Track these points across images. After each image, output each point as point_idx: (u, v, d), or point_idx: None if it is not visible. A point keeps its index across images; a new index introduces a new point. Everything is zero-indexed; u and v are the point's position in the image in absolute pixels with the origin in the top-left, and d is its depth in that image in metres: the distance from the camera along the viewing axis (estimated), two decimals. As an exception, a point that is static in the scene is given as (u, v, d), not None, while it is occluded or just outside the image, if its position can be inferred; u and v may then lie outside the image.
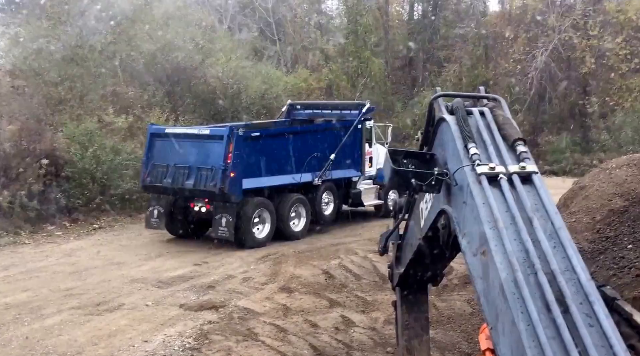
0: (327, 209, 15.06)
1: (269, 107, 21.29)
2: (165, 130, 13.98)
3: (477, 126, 3.68)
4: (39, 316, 8.67)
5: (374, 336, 8.25)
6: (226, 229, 12.58)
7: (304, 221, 14.22)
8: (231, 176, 12.39)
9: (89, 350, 7.57)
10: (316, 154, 14.36)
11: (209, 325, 8.42)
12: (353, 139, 15.28)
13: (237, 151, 12.56)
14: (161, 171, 13.19)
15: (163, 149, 13.40)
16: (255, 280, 10.62)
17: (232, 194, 12.51)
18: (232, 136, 12.58)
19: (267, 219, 13.33)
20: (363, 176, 15.94)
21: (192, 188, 12.73)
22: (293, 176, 13.88)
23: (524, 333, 2.61)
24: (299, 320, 8.77)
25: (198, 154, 12.90)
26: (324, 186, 14.72)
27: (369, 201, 16.30)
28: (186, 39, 20.63)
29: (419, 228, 4.38)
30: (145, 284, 10.27)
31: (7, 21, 21.64)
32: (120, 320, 8.59)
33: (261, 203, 13.21)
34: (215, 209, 12.84)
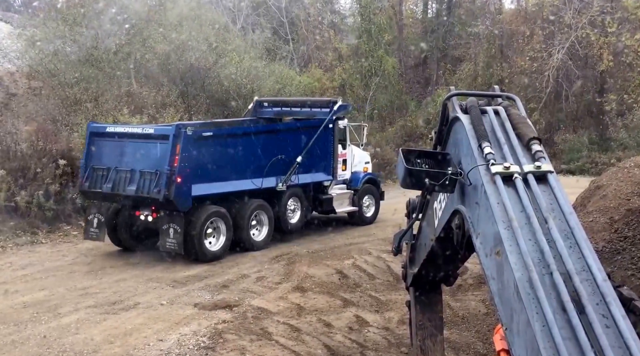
0: (293, 216, 13.82)
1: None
2: (106, 128, 12.69)
3: (492, 125, 3.66)
4: (56, 315, 8.78)
5: (388, 336, 8.24)
6: (174, 241, 11.34)
7: (266, 230, 12.99)
8: (178, 181, 11.09)
9: (105, 349, 7.65)
10: (280, 156, 13.10)
11: (223, 324, 8.48)
12: (323, 140, 14.10)
13: (185, 153, 11.25)
14: (101, 175, 11.93)
15: (104, 151, 12.19)
16: (269, 280, 10.67)
17: (179, 201, 11.21)
18: (179, 136, 11.23)
19: (222, 229, 12.04)
20: (335, 181, 14.78)
21: (134, 195, 11.45)
22: (253, 181, 12.58)
23: (539, 333, 2.60)
24: (312, 319, 8.79)
25: (141, 156, 11.64)
26: (290, 191, 13.50)
27: (342, 208, 15.07)
28: (200, 40, 20.75)
29: (433, 228, 4.37)
30: (160, 283, 10.36)
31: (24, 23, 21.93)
32: (136, 319, 8.68)
33: (215, 212, 11.93)
34: (161, 219, 11.60)
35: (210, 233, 11.92)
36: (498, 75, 28.10)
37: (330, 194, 14.69)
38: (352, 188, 15.29)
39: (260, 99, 16.28)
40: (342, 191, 15.15)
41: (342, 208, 15.04)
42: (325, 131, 14.07)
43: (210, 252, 11.87)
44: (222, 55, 21.02)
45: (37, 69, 18.02)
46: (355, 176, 15.43)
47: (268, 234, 13.03)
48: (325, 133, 14.08)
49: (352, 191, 15.26)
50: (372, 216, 15.67)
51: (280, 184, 13.11)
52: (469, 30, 30.82)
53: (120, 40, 19.13)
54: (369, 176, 15.82)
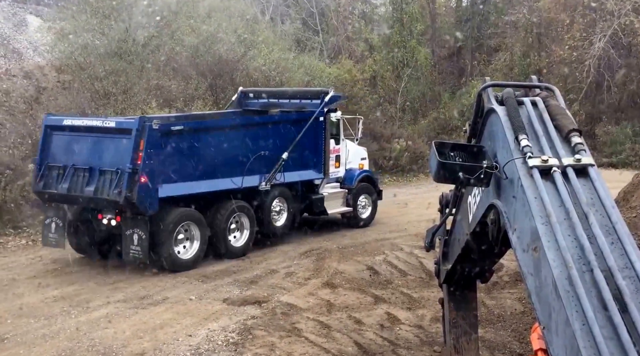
0: (279, 219, 12.78)
1: (312, 100, 21.27)
2: (63, 121, 11.51)
3: (529, 117, 3.61)
4: (85, 309, 8.98)
5: (420, 335, 8.21)
6: (138, 248, 10.31)
7: (247, 234, 11.97)
8: (142, 181, 10.11)
9: (134, 343, 7.80)
10: (263, 152, 12.09)
11: (252, 320, 8.56)
12: (313, 134, 13.13)
13: (151, 149, 10.27)
14: (56, 174, 10.92)
15: (61, 146, 11.17)
16: (299, 275, 10.71)
17: (143, 204, 10.20)
18: (143, 130, 10.23)
19: (196, 234, 11.06)
20: (327, 179, 13.80)
21: (92, 196, 10.47)
22: (233, 180, 11.59)
23: (578, 332, 2.56)
24: (343, 316, 8.80)
25: (102, 152, 10.66)
26: (275, 191, 12.49)
27: (335, 208, 14.02)
28: (228, 31, 20.89)
29: (467, 223, 4.33)
30: (189, 278, 10.50)
31: (54, 16, 22.41)
32: (165, 314, 8.82)
33: (187, 215, 10.96)
34: (124, 223, 10.52)
35: (181, 239, 10.94)
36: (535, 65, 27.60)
37: (321, 194, 13.71)
38: (346, 187, 14.33)
39: (246, 89, 15.31)
40: (335, 190, 14.20)
41: (334, 209, 14.03)
42: (315, 124, 13.12)
43: (182, 260, 10.86)
44: (251, 47, 21.12)
45: (66, 63, 18.40)
46: (349, 174, 14.50)
47: (249, 238, 12.01)
48: (315, 127, 13.13)
49: (346, 190, 14.30)
50: (368, 217, 14.67)
51: (264, 183, 12.14)
52: (505, 18, 30.31)
53: (150, 32, 19.39)
54: (365, 173, 14.90)
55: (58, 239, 11.24)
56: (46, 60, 20.17)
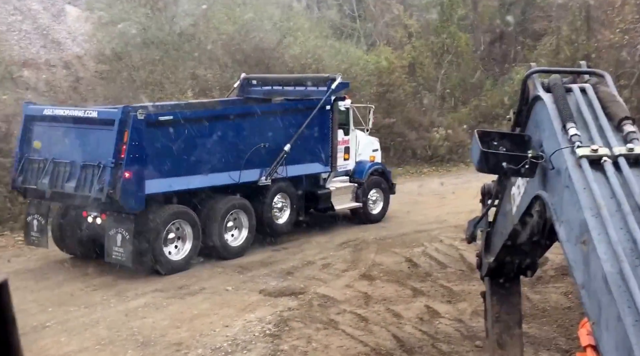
0: (281, 216, 12.17)
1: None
2: (43, 111, 10.90)
3: (578, 105, 3.52)
4: (124, 299, 9.21)
5: (461, 329, 8.15)
6: (121, 250, 9.71)
7: (245, 233, 11.40)
8: (126, 176, 9.53)
9: (172, 333, 7.96)
10: (263, 144, 11.48)
11: (288, 312, 8.63)
12: (319, 124, 12.51)
13: (136, 141, 9.67)
14: (36, 169, 10.37)
15: (42, 138, 10.63)
16: (335, 267, 10.74)
17: (127, 201, 9.64)
18: (127, 121, 9.63)
19: (189, 234, 10.44)
20: (334, 172, 13.13)
21: (73, 193, 9.94)
22: (230, 175, 11.04)
23: (630, 328, 2.50)
24: (380, 309, 8.80)
25: (84, 145, 10.07)
26: (276, 186, 11.90)
27: (343, 204, 13.42)
28: (264, 19, 20.93)
29: (511, 214, 4.26)
30: (225, 268, 10.64)
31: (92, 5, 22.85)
32: (201, 304, 8.98)
33: (178, 213, 10.37)
34: (108, 222, 9.96)
35: (172, 239, 10.32)
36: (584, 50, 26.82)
37: (328, 189, 13.04)
38: (356, 181, 13.68)
39: (248, 76, 14.61)
40: (344, 185, 13.55)
41: (343, 204, 13.43)
42: (322, 113, 12.45)
43: (172, 263, 10.25)
44: (287, 35, 21.12)
45: (104, 52, 18.76)
46: (359, 167, 13.81)
47: (248, 238, 11.45)
48: (321, 116, 12.48)
49: (356, 184, 13.65)
50: (379, 212, 14.08)
51: (264, 178, 11.53)
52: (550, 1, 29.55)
53: (186, 21, 19.59)
54: (377, 166, 14.22)
55: (40, 238, 10.69)
56: (84, 50, 20.60)
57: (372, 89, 22.24)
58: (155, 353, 7.41)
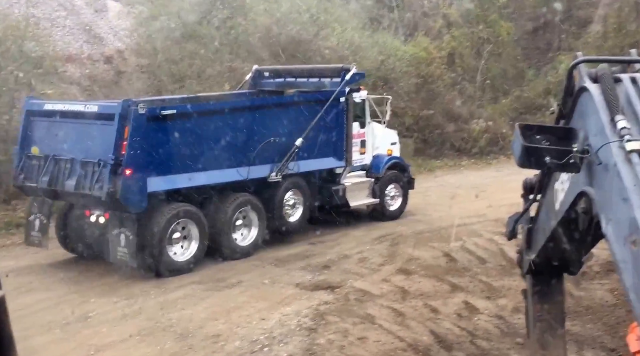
0: (293, 213, 11.73)
1: (386, 79, 21.03)
2: (44, 106, 10.66)
3: (627, 96, 3.35)
4: (164, 290, 9.35)
5: (501, 325, 7.99)
6: (125, 250, 9.42)
7: (255, 232, 11.01)
8: (126, 174, 9.18)
9: (210, 325, 8.04)
10: (273, 139, 11.08)
11: (325, 306, 8.62)
12: (333, 117, 12.07)
13: (137, 137, 9.32)
14: (37, 166, 10.06)
15: (42, 134, 10.33)
16: (372, 261, 10.66)
17: (129, 200, 9.32)
18: (128, 115, 9.27)
19: (194, 234, 10.09)
20: (350, 167, 12.70)
21: (73, 192, 9.63)
22: (239, 171, 10.65)
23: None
24: (418, 304, 8.70)
25: (84, 141, 9.76)
26: (287, 182, 11.44)
27: (359, 200, 12.95)
28: (301, 11, 20.87)
29: (554, 211, 4.10)
30: (262, 262, 10.69)
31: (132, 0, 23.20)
32: (239, 297, 9.05)
33: (183, 211, 9.97)
34: (111, 222, 9.64)
35: (176, 239, 9.97)
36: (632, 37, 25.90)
37: (342, 184, 12.57)
38: (373, 175, 13.19)
39: (260, 68, 14.20)
40: (360, 180, 13.08)
41: (358, 201, 12.96)
42: (335, 105, 12.02)
43: (177, 262, 9.94)
44: (324, 27, 21.02)
45: (144, 47, 19.02)
46: (376, 161, 13.33)
47: (258, 237, 11.04)
48: (335, 108, 12.04)
49: (373, 179, 13.17)
50: (397, 209, 13.61)
51: (274, 174, 11.10)
52: (599, -14, 28.62)
53: (224, 14, 19.69)
54: (395, 160, 13.70)
55: (41, 237, 10.32)
56: (125, 44, 20.93)
57: (410, 80, 21.96)
58: (193, 345, 7.48)
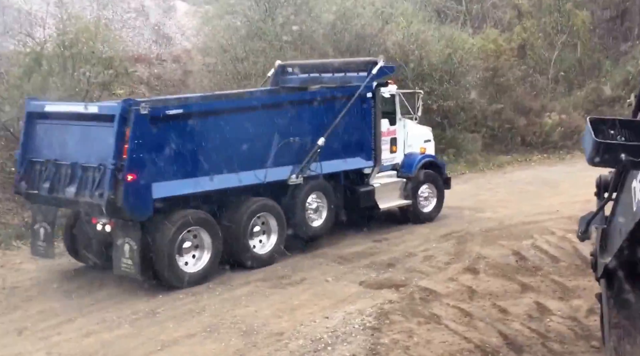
0: (317, 218, 11.09)
1: (453, 73, 20.65)
2: (45, 107, 9.99)
3: None
4: (229, 287, 9.49)
5: (575, 328, 7.68)
6: (129, 261, 8.83)
7: (274, 239, 10.38)
8: (128, 180, 8.54)
9: (274, 323, 8.10)
10: (293, 139, 10.44)
11: (389, 305, 8.53)
12: (359, 114, 11.45)
13: (139, 139, 8.65)
14: (39, 172, 9.52)
15: (43, 137, 9.77)
16: (438, 259, 10.49)
17: (131, 208, 8.67)
18: (129, 116, 8.63)
19: (206, 242, 9.49)
20: (379, 167, 11.98)
21: (73, 199, 9.06)
22: (256, 173, 9.98)
23: None
24: (486, 304, 8.49)
25: (85, 144, 9.18)
26: (310, 185, 10.79)
27: (389, 202, 12.23)
28: (366, 5, 20.77)
29: (631, 210, 3.87)
30: (326, 259, 10.70)
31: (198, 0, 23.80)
32: (302, 295, 9.08)
33: (193, 218, 9.35)
34: (115, 231, 9.05)
35: (187, 248, 9.37)
36: None
37: (371, 185, 11.89)
38: (404, 175, 12.52)
39: (284, 63, 13.65)
40: (390, 180, 12.39)
41: (388, 202, 12.24)
42: (362, 101, 11.41)
43: (188, 274, 9.33)
44: (389, 21, 20.83)
45: (210, 45, 19.44)
46: (408, 160, 12.66)
47: (278, 243, 10.42)
48: (361, 105, 11.42)
49: (404, 179, 12.51)
50: (432, 210, 12.95)
51: (294, 176, 10.47)
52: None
53: (288, 11, 19.84)
54: (428, 158, 13.00)
55: (47, 247, 9.84)
56: (192, 43, 21.48)
57: (478, 74, 21.47)
58: (257, 342, 7.57)
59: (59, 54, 14.39)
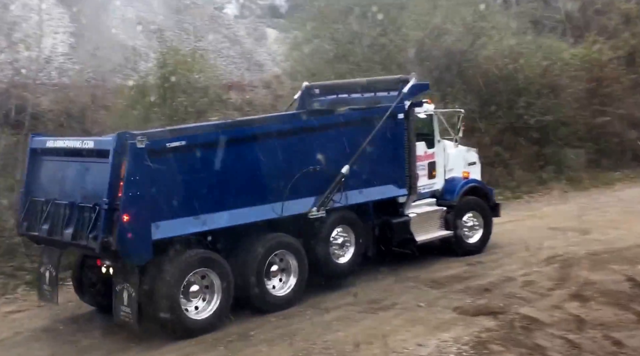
0: (343, 254, 10.21)
1: (552, 86, 19.80)
2: (47, 143, 9.38)
3: None
4: (318, 312, 9.40)
5: None
6: (128, 309, 8.11)
7: (294, 280, 9.54)
8: (124, 220, 7.79)
9: (365, 349, 7.92)
10: (313, 168, 9.61)
11: (487, 333, 8.15)
12: (390, 137, 10.53)
13: (136, 175, 7.91)
14: (39, 212, 8.96)
15: (46, 175, 9.27)
16: (540, 285, 9.98)
17: (128, 251, 7.96)
18: (124, 151, 7.94)
19: (216, 285, 8.71)
20: (415, 195, 11.00)
21: (70, 242, 8.44)
22: (272, 207, 9.17)
23: None
24: (597, 335, 7.91)
25: (82, 182, 8.61)
26: (334, 217, 9.92)
27: (427, 233, 11.21)
28: (456, 21, 20.43)
29: None
30: (417, 283, 10.42)
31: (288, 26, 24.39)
32: (394, 320, 8.85)
33: (200, 259, 8.58)
34: (115, 275, 8.45)
35: (195, 293, 8.60)
36: None
37: (406, 216, 10.92)
38: (445, 203, 11.51)
39: (311, 84, 12.74)
40: (429, 209, 11.38)
41: (426, 234, 11.20)
42: (393, 123, 10.49)
43: (195, 321, 8.53)
44: (481, 35, 20.38)
45: (298, 70, 19.78)
46: (449, 186, 11.67)
47: (298, 284, 9.58)
48: (392, 127, 10.49)
49: (445, 207, 11.48)
50: (478, 241, 11.86)
51: (315, 209, 9.62)
52: None
53: (375, 32, 19.88)
54: (472, 183, 11.93)
55: (52, 291, 9.20)
56: (281, 69, 21.98)
57: (580, 85, 20.47)
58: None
59: (159, 86, 15.13)
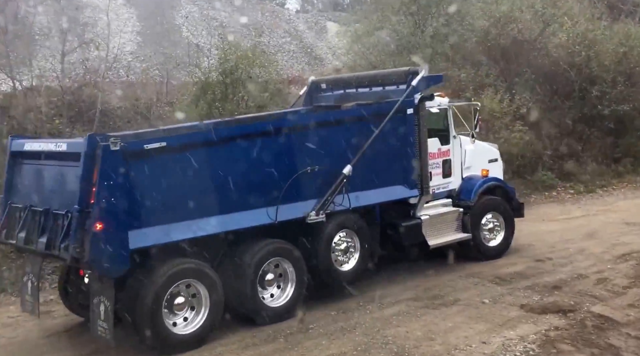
0: (347, 260, 9.57)
1: (629, 74, 18.92)
2: (24, 146, 8.75)
3: None
4: (379, 306, 9.32)
5: None
6: (105, 324, 7.49)
7: (293, 288, 8.90)
8: (97, 229, 7.17)
9: (426, 345, 7.80)
10: (311, 168, 8.87)
11: (555, 332, 7.90)
12: (399, 134, 9.81)
13: (109, 180, 7.26)
14: (17, 218, 8.41)
15: (24, 179, 8.74)
16: (614, 282, 9.60)
17: (101, 263, 7.29)
18: (96, 154, 7.29)
19: (204, 297, 8.03)
20: (427, 195, 10.18)
21: (44, 252, 7.86)
22: (266, 211, 8.47)
23: None
24: (675, 336, 7.50)
25: (57, 188, 8.07)
26: (336, 222, 9.26)
27: (442, 237, 10.49)
28: (524, 8, 19.83)
29: None
30: (482, 279, 10.19)
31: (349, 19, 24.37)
32: (456, 316, 8.68)
33: (184, 271, 7.90)
34: (91, 288, 7.90)
35: (179, 306, 7.92)
36: None
37: (417, 218, 10.18)
38: (462, 204, 10.77)
39: (317, 79, 12.20)
40: (443, 210, 10.65)
41: (440, 238, 10.47)
42: (401, 119, 9.76)
43: (179, 336, 7.90)
44: (551, 22, 19.68)
45: (360, 63, 19.69)
46: (467, 185, 10.92)
47: (296, 293, 8.92)
48: (400, 123, 9.77)
49: (462, 208, 10.74)
50: (499, 245, 11.10)
51: (313, 213, 8.92)
52: None
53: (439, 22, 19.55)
54: (492, 182, 11.12)
55: (33, 302, 8.64)
56: (342, 62, 21.95)
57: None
58: (409, 365, 7.31)
59: (221, 81, 15.39)
